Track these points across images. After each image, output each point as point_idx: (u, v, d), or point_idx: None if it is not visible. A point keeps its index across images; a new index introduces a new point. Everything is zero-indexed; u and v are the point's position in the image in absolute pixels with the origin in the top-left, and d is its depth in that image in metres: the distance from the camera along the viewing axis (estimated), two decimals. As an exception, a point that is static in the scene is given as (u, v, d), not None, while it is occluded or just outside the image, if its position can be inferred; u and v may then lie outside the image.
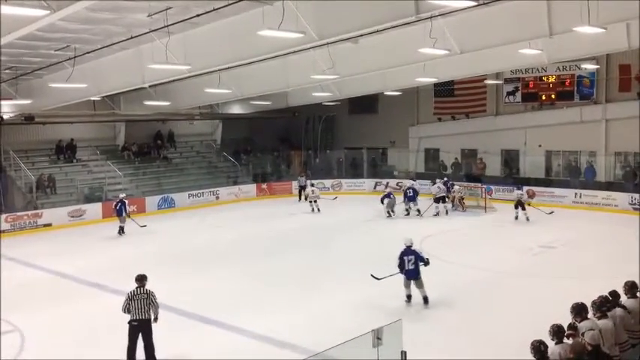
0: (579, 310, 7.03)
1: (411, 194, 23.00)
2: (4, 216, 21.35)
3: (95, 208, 23.73)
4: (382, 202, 22.84)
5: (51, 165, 25.71)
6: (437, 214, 22.79)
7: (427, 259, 11.89)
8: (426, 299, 11.78)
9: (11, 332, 11.01)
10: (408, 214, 23.01)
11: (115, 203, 21.31)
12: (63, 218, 22.60)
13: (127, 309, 9.23)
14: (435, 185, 23.56)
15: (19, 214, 21.87)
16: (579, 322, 6.91)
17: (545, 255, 16.42)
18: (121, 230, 20.67)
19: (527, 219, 20.90)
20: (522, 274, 14.35)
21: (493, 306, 11.96)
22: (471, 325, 10.88)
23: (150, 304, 9.25)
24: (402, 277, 11.85)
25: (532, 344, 6.21)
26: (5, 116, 22.66)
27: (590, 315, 7.08)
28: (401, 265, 11.77)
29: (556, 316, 7.00)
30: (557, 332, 6.54)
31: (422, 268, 11.81)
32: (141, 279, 9.44)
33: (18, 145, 24.99)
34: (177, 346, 10.22)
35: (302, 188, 27.90)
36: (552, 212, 21.53)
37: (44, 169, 25.00)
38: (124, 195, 21.82)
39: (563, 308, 7.27)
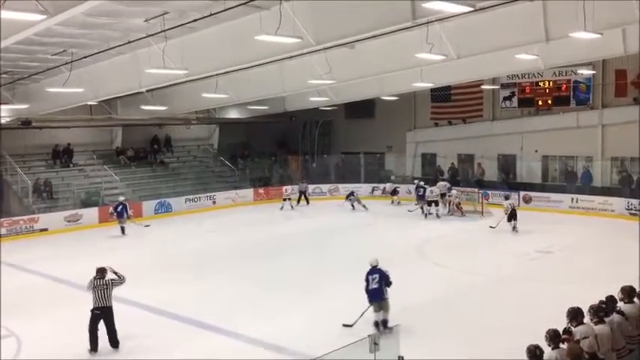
0: (575, 315, 7.02)
1: (421, 193, 23.82)
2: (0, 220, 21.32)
3: (92, 213, 23.67)
4: (347, 199, 25.94)
5: (47, 169, 25.70)
6: (425, 215, 23.27)
7: (391, 281, 10.74)
8: (385, 323, 10.51)
9: (7, 337, 10.97)
10: (423, 212, 23.64)
11: (115, 206, 21.83)
12: (59, 223, 22.54)
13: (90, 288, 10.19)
14: (429, 189, 24.02)
15: (15, 218, 21.81)
16: (575, 327, 6.91)
17: (542, 260, 16.42)
18: (123, 230, 21.26)
19: (516, 229, 19.88)
20: (519, 279, 14.35)
21: (490, 311, 11.95)
22: (468, 329, 10.87)
23: (110, 293, 10.09)
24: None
25: (528, 348, 6.22)
26: (2, 121, 22.64)
27: (587, 320, 7.08)
28: (367, 286, 10.80)
29: (552, 321, 7.00)
30: (554, 337, 6.54)
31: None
32: (101, 271, 10.21)
33: (14, 149, 24.97)
34: (173, 351, 10.20)
35: (302, 193, 28.06)
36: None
37: (41, 174, 24.97)
38: (124, 198, 22.26)
39: (560, 313, 7.28)
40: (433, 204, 23.41)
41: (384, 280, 10.71)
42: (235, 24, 12.69)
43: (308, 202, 27.86)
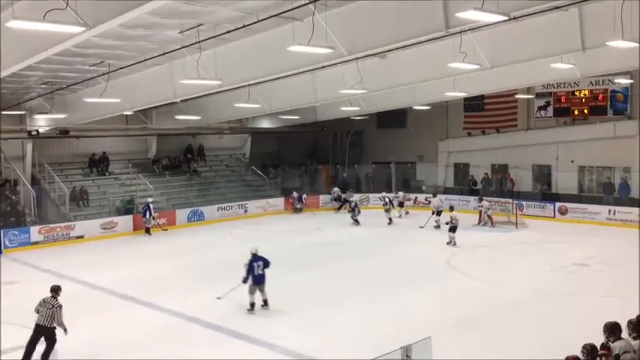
0: (612, 329, 6.87)
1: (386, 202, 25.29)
2: (37, 227, 21.81)
3: (126, 221, 24.06)
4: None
5: (84, 178, 26.22)
6: (438, 226, 22.67)
7: (269, 262, 12.78)
8: (265, 302, 12.79)
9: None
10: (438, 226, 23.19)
11: (143, 207, 23.59)
12: (95, 230, 22.97)
13: (37, 311, 9.73)
14: (437, 198, 24.35)
15: (52, 225, 22.28)
16: (612, 342, 6.75)
17: (579, 273, 16.08)
18: (147, 231, 23.09)
19: (453, 243, 19.64)
20: (555, 292, 14.07)
21: (524, 324, 11.73)
22: (502, 343, 10.68)
23: (55, 316, 9.61)
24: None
25: (567, 359, 6.12)
26: (41, 130, 23.24)
27: (625, 335, 6.91)
28: (249, 271, 12.56)
29: (588, 335, 6.85)
30: (591, 352, 6.40)
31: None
32: (55, 290, 9.91)
33: (52, 158, 25.57)
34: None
35: (344, 201, 28.90)
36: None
37: (77, 182, 25.50)
38: (151, 200, 23.88)
39: (596, 327, 7.12)
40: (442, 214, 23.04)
41: (267, 265, 12.74)
42: (268, 35, 12.82)
43: (338, 210, 28.46)
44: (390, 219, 24.81)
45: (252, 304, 12.68)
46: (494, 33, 13.85)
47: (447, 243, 19.68)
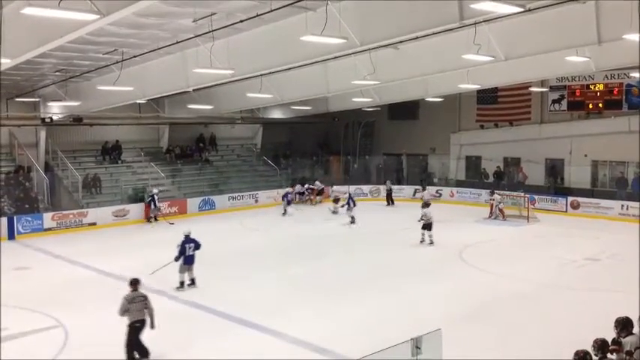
0: (624, 325, 6.82)
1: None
2: (50, 214, 22.01)
3: (138, 209, 24.21)
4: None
5: (97, 165, 26.40)
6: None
7: (200, 244, 13.83)
8: (193, 281, 13.82)
9: (56, 328, 11.31)
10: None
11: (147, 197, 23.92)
12: (107, 217, 23.14)
13: (125, 311, 9.57)
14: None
15: (65, 212, 22.48)
16: (624, 337, 6.72)
17: (589, 267, 16.00)
18: (152, 219, 23.47)
19: (432, 242, 18.60)
20: (565, 287, 14.01)
21: (533, 319, 11.69)
22: (512, 337, 10.68)
23: (145, 306, 9.64)
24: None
25: (576, 353, 6.06)
26: (54, 117, 23.40)
27: (636, 330, 6.87)
28: (182, 252, 13.54)
29: (599, 331, 6.82)
30: (602, 347, 6.37)
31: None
32: (135, 283, 9.82)
33: (66, 145, 25.77)
34: (217, 348, 10.34)
35: (388, 193, 28.45)
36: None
37: (90, 170, 25.68)
38: (157, 191, 23.92)
39: (607, 322, 7.07)
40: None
41: (198, 247, 13.82)
42: (281, 25, 12.78)
43: (393, 203, 27.97)
44: (353, 217, 22.96)
45: (182, 283, 13.70)
46: (509, 25, 13.71)
47: (421, 241, 18.85)
